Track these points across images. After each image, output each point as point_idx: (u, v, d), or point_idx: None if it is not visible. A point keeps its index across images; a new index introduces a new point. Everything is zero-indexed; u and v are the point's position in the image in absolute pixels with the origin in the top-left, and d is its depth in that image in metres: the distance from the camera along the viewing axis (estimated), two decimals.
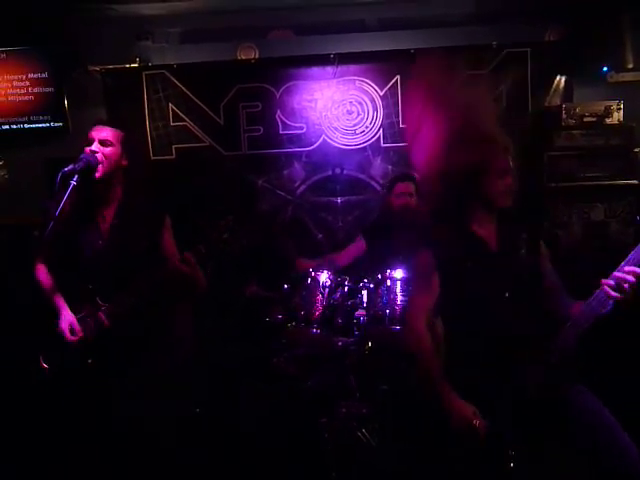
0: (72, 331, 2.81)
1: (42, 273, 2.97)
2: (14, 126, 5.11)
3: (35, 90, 5.08)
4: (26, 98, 5.08)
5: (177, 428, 3.15)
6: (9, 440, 3.46)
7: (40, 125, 5.11)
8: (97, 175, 2.81)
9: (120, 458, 2.84)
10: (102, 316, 2.82)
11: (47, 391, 2.93)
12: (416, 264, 2.74)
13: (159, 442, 2.95)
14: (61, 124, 5.10)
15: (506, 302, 2.51)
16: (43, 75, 5.07)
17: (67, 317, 2.83)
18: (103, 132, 2.87)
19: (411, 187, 4.13)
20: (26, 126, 5.10)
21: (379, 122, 5.04)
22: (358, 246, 4.25)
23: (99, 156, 2.82)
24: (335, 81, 5.05)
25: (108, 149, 2.86)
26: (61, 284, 2.94)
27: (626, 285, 2.22)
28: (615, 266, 2.31)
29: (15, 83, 5.06)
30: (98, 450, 2.86)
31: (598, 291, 2.30)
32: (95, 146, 2.83)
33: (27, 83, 5.06)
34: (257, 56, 5.15)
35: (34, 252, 2.99)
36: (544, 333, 2.43)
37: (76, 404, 2.82)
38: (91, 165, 2.78)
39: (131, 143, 3.01)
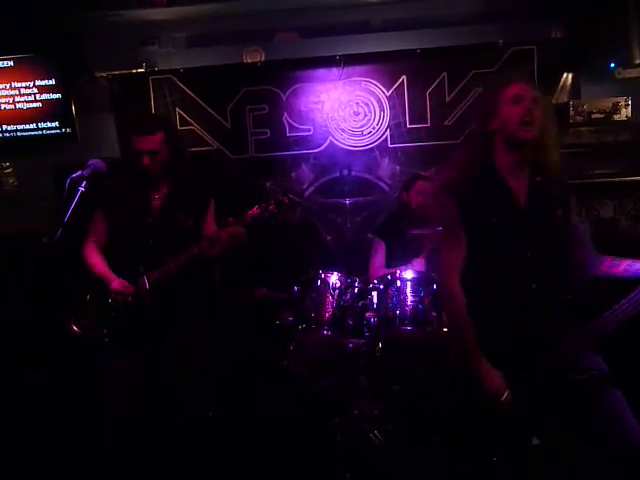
0: (125, 286, 3.04)
1: (91, 253, 3.18)
2: (22, 133, 5.13)
3: (43, 97, 5.09)
4: (34, 105, 5.09)
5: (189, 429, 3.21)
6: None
7: (48, 132, 5.12)
8: (150, 174, 3.07)
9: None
10: (144, 280, 3.04)
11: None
12: (440, 217, 2.57)
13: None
14: (69, 130, 5.11)
15: (529, 263, 2.37)
16: (50, 82, 5.07)
17: (118, 280, 3.06)
18: (148, 142, 3.01)
19: (424, 185, 4.15)
20: (34, 133, 5.11)
21: (386, 123, 5.04)
22: (382, 251, 4.21)
23: (149, 163, 3.02)
24: (341, 82, 5.04)
25: (157, 156, 3.04)
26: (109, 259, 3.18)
27: None
28: None
29: (23, 90, 5.07)
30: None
31: None
32: (145, 159, 3.01)
33: (35, 90, 5.08)
34: (263, 59, 5.15)
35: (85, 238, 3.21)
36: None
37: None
38: (99, 171, 2.83)
39: (172, 132, 3.21)
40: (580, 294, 2.36)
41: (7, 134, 5.14)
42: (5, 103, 5.10)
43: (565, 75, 4.88)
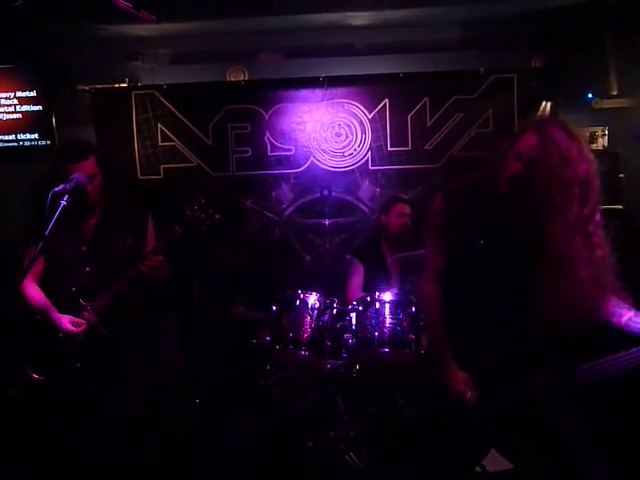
0: (75, 324, 2.92)
1: (31, 288, 3.00)
2: (1, 144, 5.08)
3: (23, 108, 5.06)
4: (14, 116, 5.06)
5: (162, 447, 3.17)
6: None
7: (27, 143, 5.08)
8: (90, 200, 2.97)
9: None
10: (88, 314, 2.93)
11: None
12: (430, 216, 2.53)
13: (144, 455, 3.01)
14: (49, 143, 5.08)
15: (504, 291, 2.35)
16: (31, 93, 5.05)
17: (64, 317, 2.92)
18: (84, 168, 2.92)
19: (409, 209, 4.21)
20: (13, 144, 5.08)
21: (367, 145, 5.07)
22: (360, 273, 4.22)
23: (90, 188, 2.92)
24: (324, 104, 5.08)
25: (95, 180, 2.97)
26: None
27: None
28: None
29: (3, 101, 5.04)
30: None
31: None
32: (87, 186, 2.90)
33: (15, 101, 5.05)
34: (246, 78, 5.18)
35: (22, 270, 2.92)
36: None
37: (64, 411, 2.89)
38: (81, 185, 2.80)
39: (101, 154, 3.11)
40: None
41: None
42: None
43: (544, 104, 4.96)
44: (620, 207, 4.54)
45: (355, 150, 5.09)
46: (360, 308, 3.61)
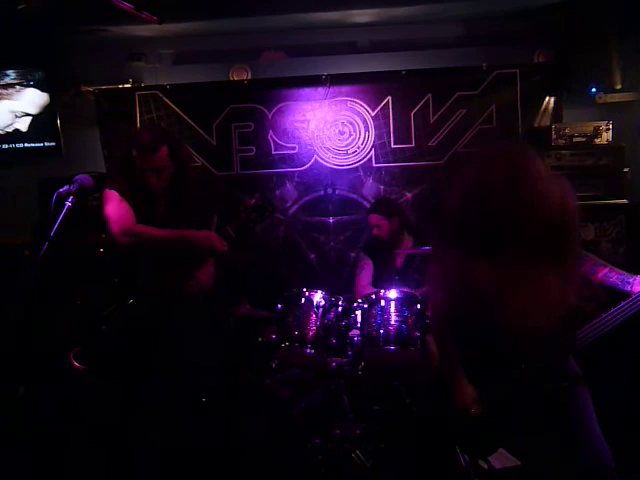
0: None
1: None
2: (7, 146, 5.10)
3: None
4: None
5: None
6: None
7: (33, 145, 5.10)
8: (154, 191, 2.96)
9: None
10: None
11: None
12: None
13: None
14: (54, 144, 5.10)
15: None
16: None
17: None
18: (153, 160, 2.90)
19: (376, 218, 4.18)
20: (19, 146, 5.10)
21: (371, 142, 5.08)
22: (369, 268, 4.24)
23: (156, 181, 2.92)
24: (327, 102, 5.08)
25: (163, 173, 2.93)
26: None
27: None
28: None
29: None
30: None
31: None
32: (152, 178, 2.91)
33: None
34: (249, 77, 5.19)
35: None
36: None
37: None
38: (86, 186, 2.80)
39: (175, 143, 3.04)
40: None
41: None
42: None
43: (547, 99, 4.96)
44: (625, 201, 4.54)
45: (358, 148, 5.09)
46: (365, 306, 3.62)
